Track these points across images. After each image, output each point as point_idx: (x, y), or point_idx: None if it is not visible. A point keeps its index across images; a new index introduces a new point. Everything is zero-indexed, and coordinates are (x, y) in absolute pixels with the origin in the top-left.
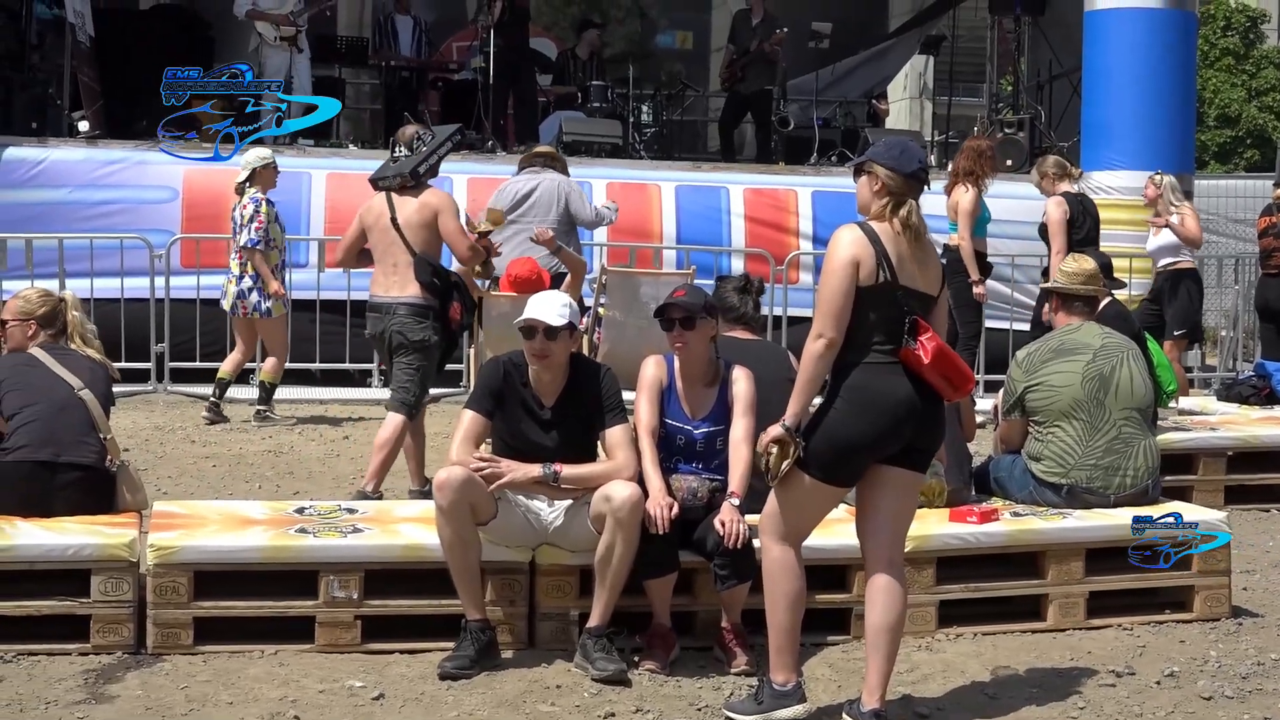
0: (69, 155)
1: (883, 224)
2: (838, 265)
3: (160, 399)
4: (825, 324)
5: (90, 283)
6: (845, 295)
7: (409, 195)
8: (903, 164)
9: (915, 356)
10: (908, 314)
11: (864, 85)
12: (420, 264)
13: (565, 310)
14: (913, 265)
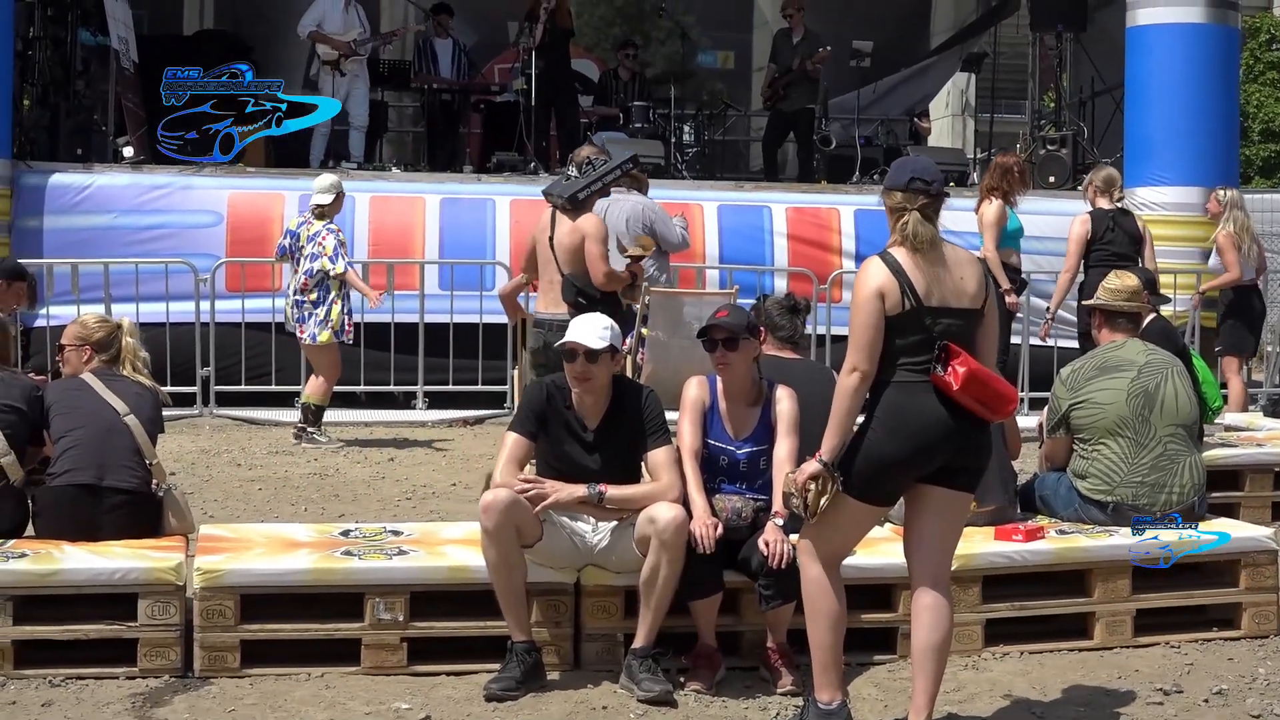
0: (114, 181)
1: (902, 248)
2: (863, 299)
3: (206, 422)
4: (857, 357)
5: (136, 307)
6: (874, 328)
7: (567, 216)
8: (898, 179)
9: (944, 383)
10: (938, 338)
11: (906, 103)
12: (566, 284)
13: (606, 333)
14: (941, 282)
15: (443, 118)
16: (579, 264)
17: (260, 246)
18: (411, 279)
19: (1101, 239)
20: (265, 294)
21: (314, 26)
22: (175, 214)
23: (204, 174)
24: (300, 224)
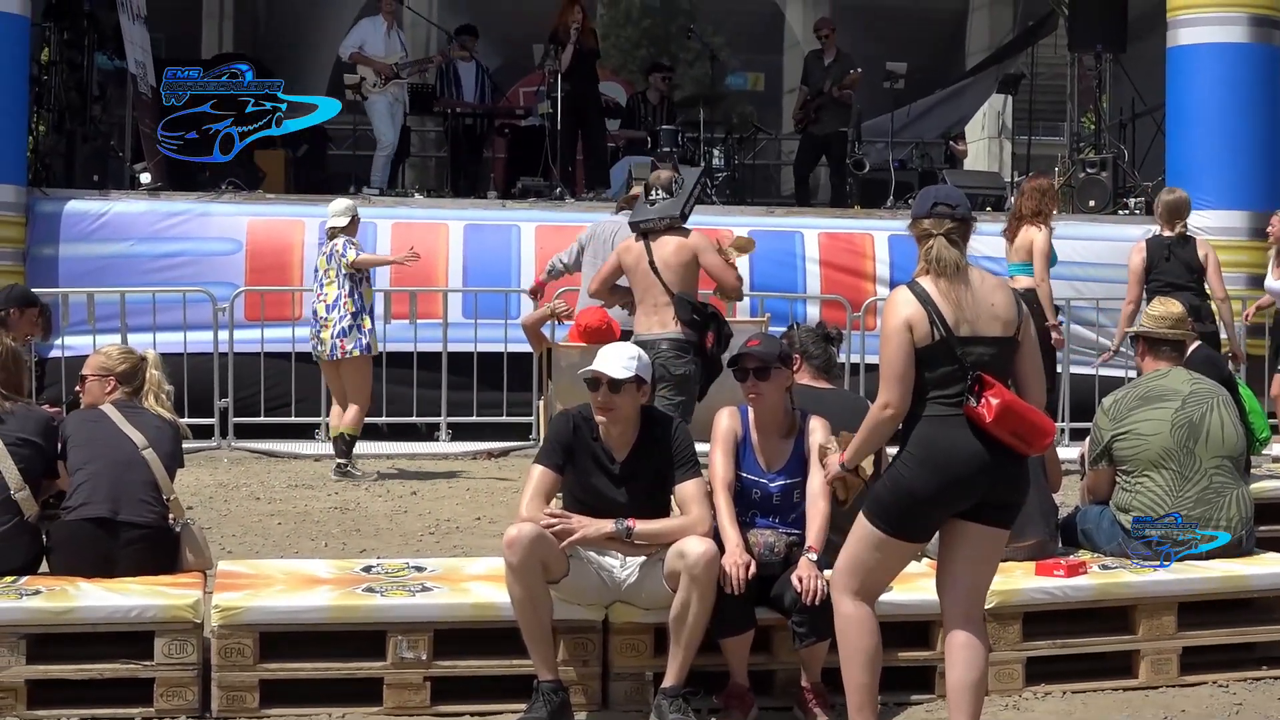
0: (131, 208)
1: (930, 277)
2: (891, 331)
3: (224, 455)
4: (889, 392)
5: (153, 337)
6: (904, 361)
7: (667, 237)
8: (921, 206)
9: (977, 415)
10: (971, 369)
11: (941, 125)
12: (680, 303)
13: (632, 362)
14: (972, 310)
15: (466, 142)
16: (690, 282)
17: (280, 274)
18: (434, 307)
19: (1156, 268)
20: (285, 323)
21: (356, 48)
22: (193, 241)
23: (222, 200)
24: (318, 252)
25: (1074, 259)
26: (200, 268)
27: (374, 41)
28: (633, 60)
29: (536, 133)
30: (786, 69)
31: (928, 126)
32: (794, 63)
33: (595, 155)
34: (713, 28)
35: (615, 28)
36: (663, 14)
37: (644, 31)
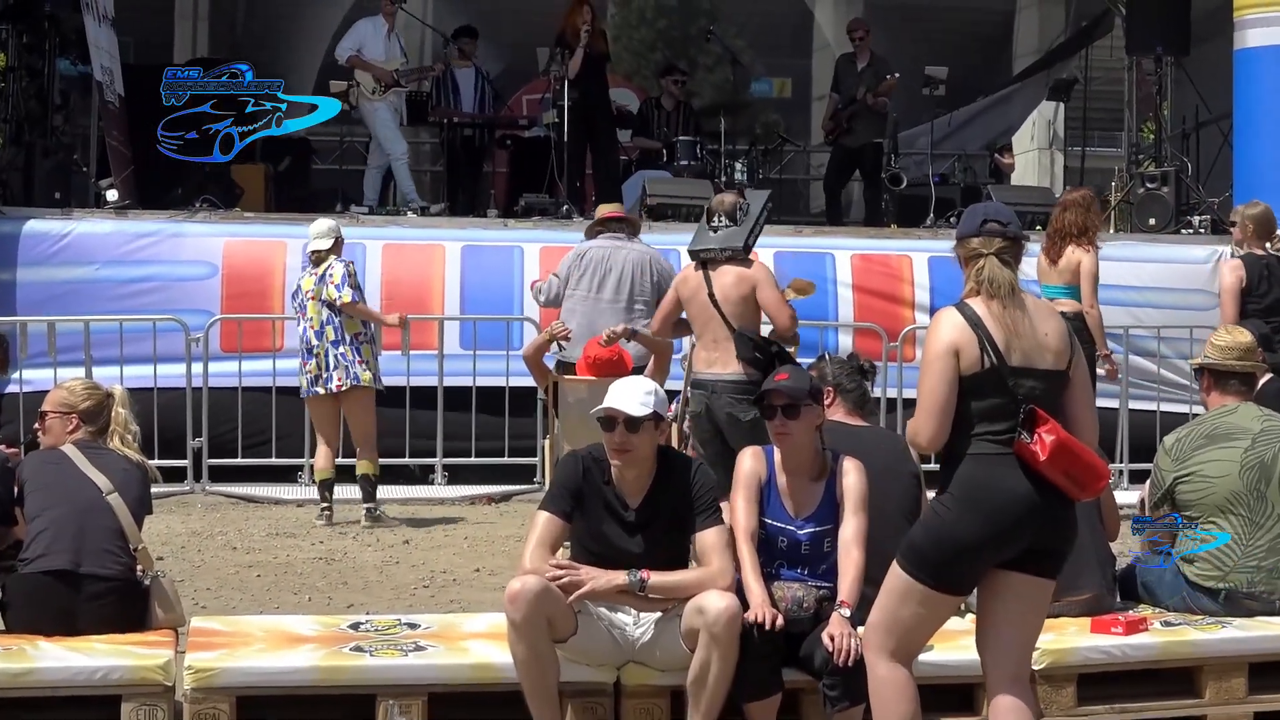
0: (96, 228)
1: (979, 298)
2: (934, 355)
3: (198, 500)
4: (923, 421)
5: (120, 370)
6: (946, 389)
7: (727, 267)
8: (970, 224)
9: (1030, 452)
10: (1022, 402)
11: (985, 136)
12: (741, 340)
13: (649, 398)
14: (1026, 339)
15: (465, 155)
16: (752, 317)
17: (260, 301)
18: (429, 337)
19: (1256, 289)
20: (265, 354)
21: (354, 51)
22: (164, 265)
23: (196, 220)
24: (300, 277)
25: (1132, 283)
26: (172, 294)
27: (373, 44)
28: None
29: (541, 144)
30: (816, 74)
31: (971, 137)
32: (824, 67)
33: (606, 169)
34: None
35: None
36: (680, 14)
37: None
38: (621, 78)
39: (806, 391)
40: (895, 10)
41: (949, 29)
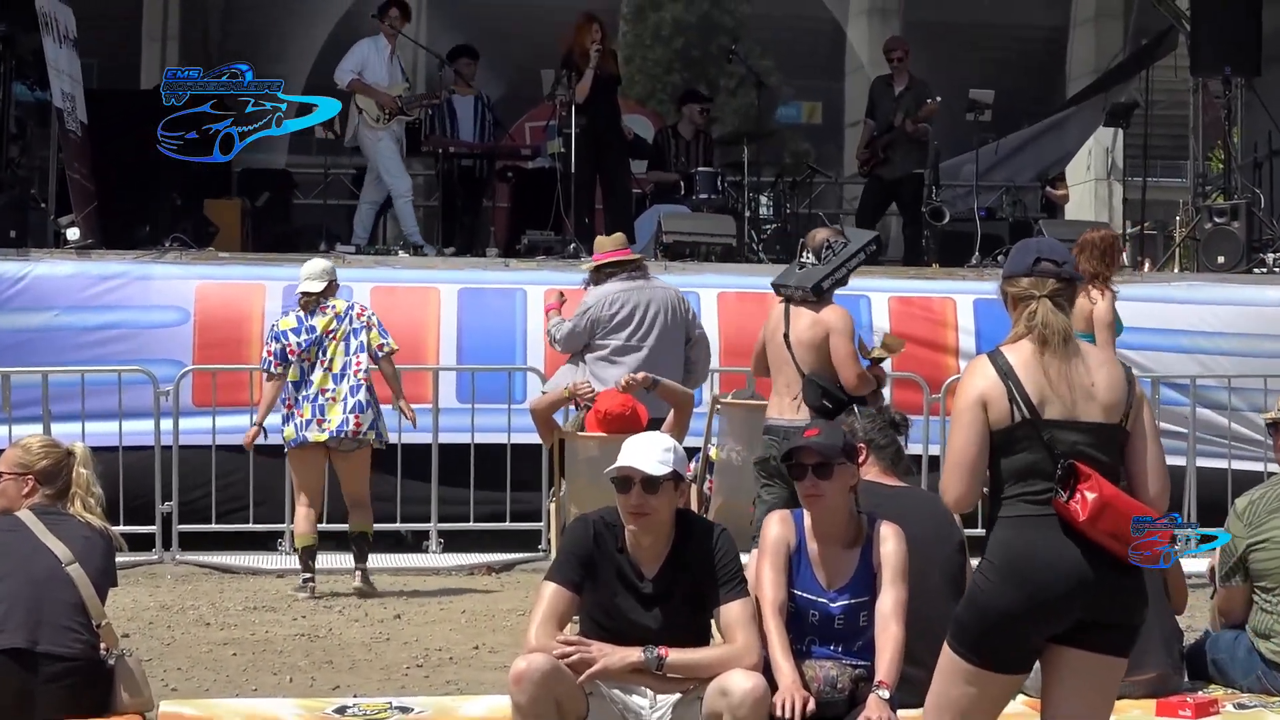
0: (55, 270)
1: (1019, 347)
2: (962, 407)
3: (168, 570)
4: (951, 478)
5: (81, 426)
6: (974, 444)
7: (807, 309)
8: (1021, 262)
9: (1069, 511)
10: (1060, 458)
11: (1036, 166)
12: (809, 386)
13: (668, 455)
14: (1066, 389)
15: (462, 188)
16: (823, 362)
17: (236, 350)
18: (423, 389)
19: None
20: (242, 409)
21: (355, 74)
22: (131, 310)
23: (166, 260)
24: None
25: (1199, 328)
26: (139, 342)
27: (375, 67)
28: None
29: (546, 177)
30: (849, 98)
31: (1020, 167)
32: (858, 91)
33: (617, 203)
34: (760, 48)
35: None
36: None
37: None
38: (634, 102)
39: (840, 449)
40: (936, 28)
41: (996, 48)
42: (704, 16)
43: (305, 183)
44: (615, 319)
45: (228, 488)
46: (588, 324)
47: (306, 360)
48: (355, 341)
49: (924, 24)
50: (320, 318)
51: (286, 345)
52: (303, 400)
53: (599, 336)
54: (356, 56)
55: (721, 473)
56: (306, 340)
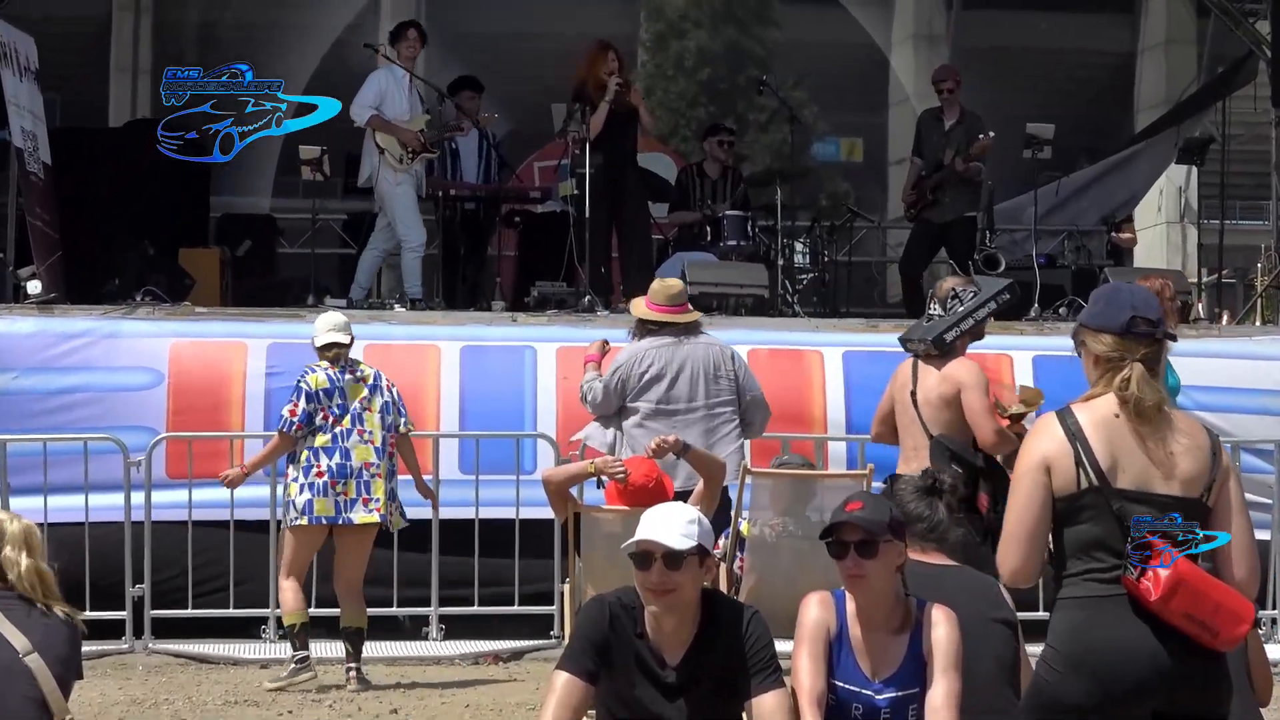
0: (14, 327)
1: (1094, 406)
2: (1023, 470)
3: (139, 660)
4: (1009, 549)
5: (44, 500)
6: (1035, 513)
7: (934, 364)
8: (1112, 317)
9: (1140, 591)
10: (1131, 532)
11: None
12: (936, 448)
13: (692, 528)
14: (1143, 457)
15: (465, 235)
16: (951, 423)
17: (214, 416)
18: (422, 458)
19: None
20: (220, 482)
21: (375, 109)
22: (98, 372)
23: (137, 316)
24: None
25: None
26: (107, 407)
27: (395, 100)
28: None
29: (558, 221)
30: (892, 133)
31: (1084, 209)
32: (902, 125)
33: (635, 251)
34: (793, 79)
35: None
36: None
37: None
38: (656, 140)
39: (886, 524)
40: (990, 54)
41: (1056, 77)
42: (731, 44)
43: (290, 229)
44: (645, 378)
45: (205, 568)
46: (617, 384)
47: (339, 426)
48: (390, 417)
49: (976, 50)
50: (350, 380)
51: (319, 408)
52: (339, 472)
53: (630, 399)
54: (373, 89)
55: (754, 550)
56: (340, 406)
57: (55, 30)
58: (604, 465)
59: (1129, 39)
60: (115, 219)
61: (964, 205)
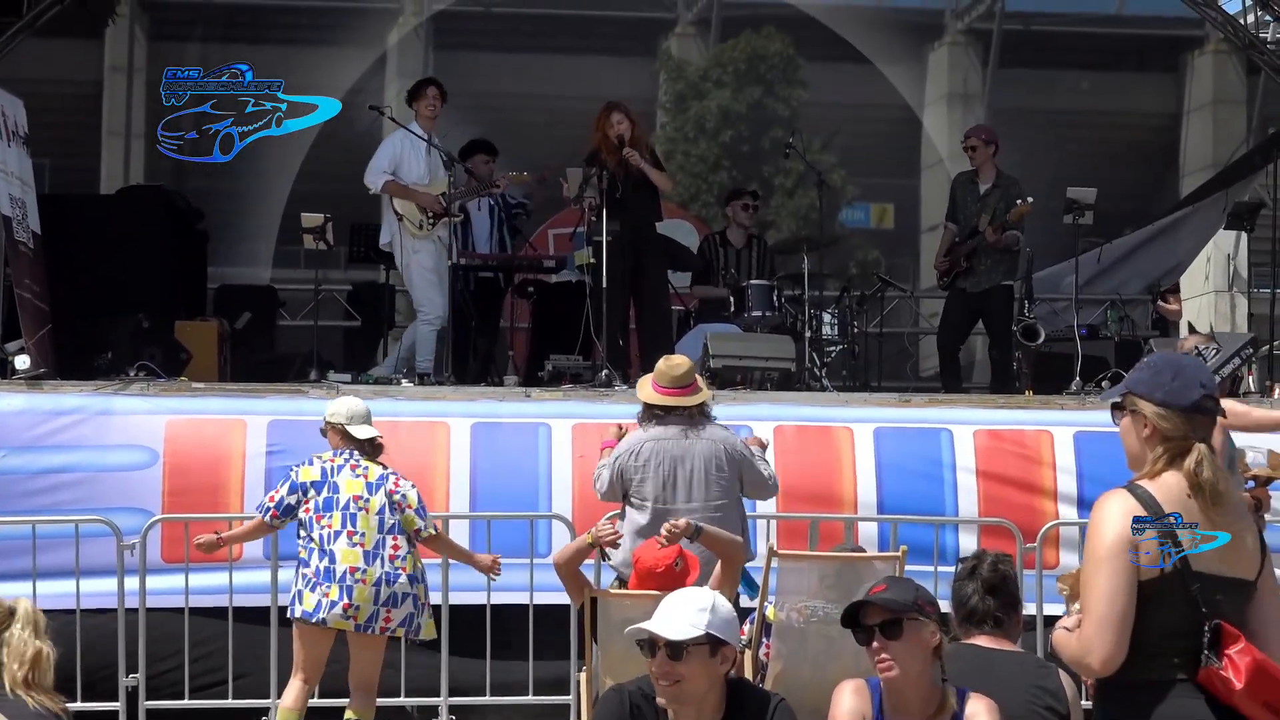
0: (2, 404)
1: (1165, 484)
2: (1107, 550)
3: None
4: (1098, 634)
5: (32, 585)
6: (1124, 592)
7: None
8: (1178, 394)
9: (1221, 680)
10: (1207, 616)
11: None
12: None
13: (702, 616)
14: None
15: (476, 306)
16: None
17: (212, 497)
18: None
19: None
20: (219, 567)
21: (390, 174)
22: (90, 451)
23: (131, 393)
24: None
25: None
26: (99, 488)
27: (412, 162)
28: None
29: (573, 292)
30: (925, 198)
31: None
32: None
33: (655, 323)
34: (820, 141)
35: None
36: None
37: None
38: (675, 206)
39: (911, 603)
40: (1027, 116)
41: (1098, 139)
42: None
43: (292, 301)
44: (639, 471)
45: (204, 658)
46: (616, 474)
47: (328, 528)
48: (391, 519)
49: (1013, 110)
50: (348, 476)
51: (303, 502)
52: (325, 575)
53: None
54: (387, 154)
55: (780, 635)
56: (326, 501)
57: (46, 93)
58: (598, 532)
59: (1174, 99)
60: (108, 290)
61: (1000, 273)
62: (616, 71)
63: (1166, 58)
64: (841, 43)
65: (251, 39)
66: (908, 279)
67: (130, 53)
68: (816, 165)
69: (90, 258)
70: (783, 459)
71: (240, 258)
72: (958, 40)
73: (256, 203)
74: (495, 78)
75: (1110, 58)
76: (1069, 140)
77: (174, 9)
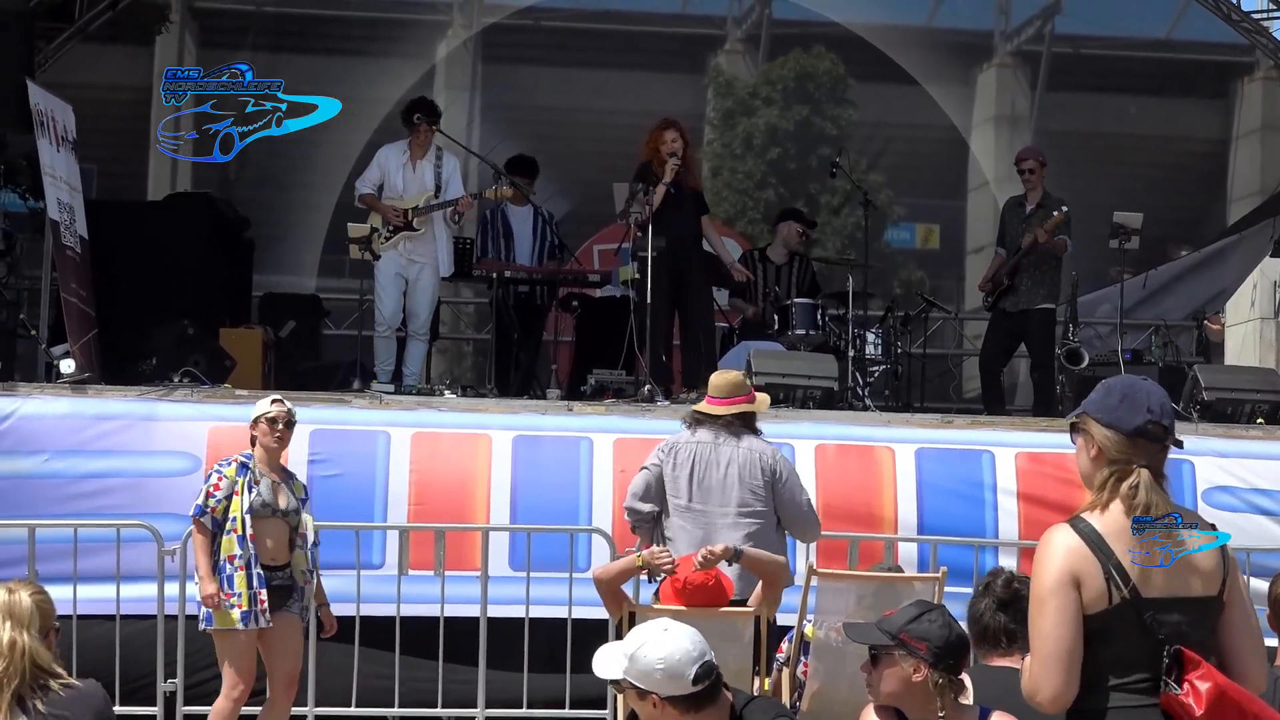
0: (46, 408)
1: (1110, 516)
2: (1048, 588)
3: None
4: (1044, 673)
5: (73, 590)
6: (1069, 629)
7: None
8: (1122, 418)
9: (1182, 707)
10: (1165, 643)
11: (1191, 302)
12: None
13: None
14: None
15: (519, 320)
16: None
17: None
18: (469, 554)
19: None
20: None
21: (370, 188)
22: (132, 456)
23: (175, 399)
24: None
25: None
26: (142, 494)
27: (393, 176)
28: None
29: (617, 307)
30: (971, 220)
31: (1173, 303)
32: (981, 211)
33: (698, 339)
34: (866, 161)
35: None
36: (796, 141)
37: (769, 165)
38: (720, 223)
39: (891, 633)
40: (1075, 140)
41: (1145, 164)
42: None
43: (337, 310)
44: (673, 473)
45: None
46: (644, 483)
47: None
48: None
49: (1060, 134)
50: None
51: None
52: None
53: (670, 494)
54: (373, 165)
55: (819, 654)
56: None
57: (95, 99)
58: (651, 558)
59: (1222, 125)
60: (153, 296)
61: (1040, 295)
62: (664, 87)
63: (1216, 83)
64: (890, 63)
65: (300, 49)
66: (952, 300)
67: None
68: (863, 185)
69: (136, 264)
70: (824, 478)
71: (286, 266)
72: (1006, 63)
73: (303, 213)
74: (543, 91)
75: (1159, 82)
76: (1117, 164)
77: (224, 17)
